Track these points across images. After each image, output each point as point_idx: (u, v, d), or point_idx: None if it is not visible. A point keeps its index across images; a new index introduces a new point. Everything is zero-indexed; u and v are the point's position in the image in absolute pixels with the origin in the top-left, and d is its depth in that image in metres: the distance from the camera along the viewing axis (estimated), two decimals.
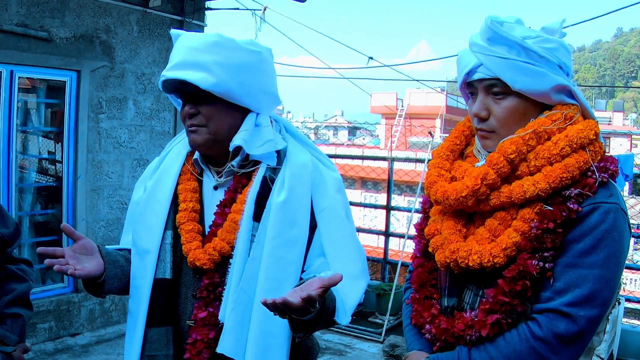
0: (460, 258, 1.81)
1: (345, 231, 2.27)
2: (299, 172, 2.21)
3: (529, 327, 1.71)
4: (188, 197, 2.25)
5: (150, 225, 2.23)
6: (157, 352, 2.15)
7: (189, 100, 2.17)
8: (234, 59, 2.14)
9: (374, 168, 11.57)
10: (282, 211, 2.13)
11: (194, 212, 2.23)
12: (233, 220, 2.14)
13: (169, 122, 7.48)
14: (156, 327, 2.16)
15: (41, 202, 6.90)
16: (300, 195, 2.18)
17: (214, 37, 2.15)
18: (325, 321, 2.02)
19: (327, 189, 2.26)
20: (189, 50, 2.12)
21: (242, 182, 2.23)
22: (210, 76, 2.08)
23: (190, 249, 2.16)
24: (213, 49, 2.12)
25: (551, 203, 1.74)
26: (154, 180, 2.31)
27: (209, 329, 2.09)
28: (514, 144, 1.77)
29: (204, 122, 2.17)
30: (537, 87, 1.79)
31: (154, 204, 2.26)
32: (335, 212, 2.25)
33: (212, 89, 2.10)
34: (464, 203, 1.82)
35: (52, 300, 6.45)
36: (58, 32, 6.23)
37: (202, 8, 7.68)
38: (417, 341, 2.03)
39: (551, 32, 1.87)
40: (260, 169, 2.21)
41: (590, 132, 1.78)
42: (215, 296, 2.12)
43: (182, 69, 2.11)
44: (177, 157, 2.33)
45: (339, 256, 2.20)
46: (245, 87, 2.18)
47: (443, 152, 2.01)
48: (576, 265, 1.69)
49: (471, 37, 1.90)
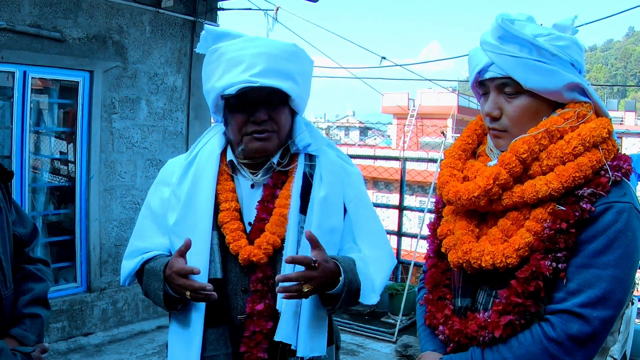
0: (473, 259, 1.80)
1: (373, 219, 2.47)
2: (332, 168, 2.39)
3: (542, 328, 1.70)
4: (229, 197, 2.32)
5: (197, 227, 2.28)
6: (217, 352, 2.22)
7: (259, 106, 2.23)
8: (306, 69, 2.33)
9: (386, 168, 11.55)
10: (324, 204, 2.29)
11: (235, 211, 2.31)
12: (281, 214, 2.27)
13: (182, 122, 7.48)
14: (213, 328, 2.23)
15: (54, 202, 6.92)
16: (336, 188, 2.35)
17: (292, 47, 2.27)
18: (351, 297, 2.18)
19: (353, 182, 2.45)
20: (272, 58, 2.20)
21: (280, 178, 2.35)
22: (296, 85, 2.23)
23: (240, 246, 2.24)
24: (294, 59, 2.25)
25: (564, 203, 1.72)
26: (189, 183, 2.35)
27: (267, 320, 2.19)
28: (526, 143, 1.75)
29: (275, 128, 2.28)
30: (549, 86, 1.77)
31: (196, 207, 2.31)
32: (363, 201, 2.45)
33: (296, 98, 2.24)
34: (476, 203, 1.81)
35: (65, 299, 6.45)
36: (71, 32, 6.24)
37: (215, 8, 7.67)
38: (430, 342, 2.02)
39: (563, 29, 1.85)
40: (299, 166, 2.36)
41: (604, 130, 1.76)
42: (268, 288, 2.22)
43: (271, 76, 2.17)
44: (211, 158, 2.39)
45: (369, 241, 2.38)
46: (307, 95, 2.39)
47: (455, 152, 2.01)
48: (589, 265, 1.68)
49: (482, 35, 1.89)
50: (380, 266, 2.32)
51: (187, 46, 7.41)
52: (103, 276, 6.79)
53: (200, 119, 7.53)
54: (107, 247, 6.82)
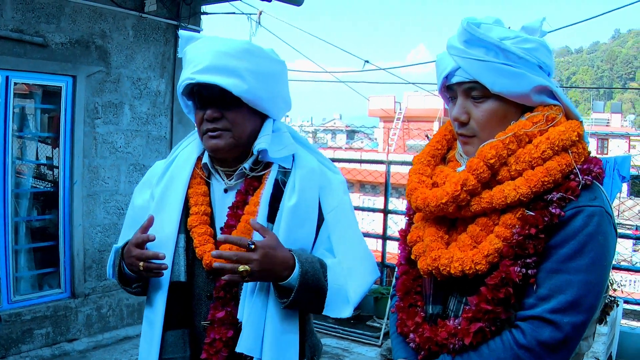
0: (442, 266, 1.78)
1: (354, 230, 2.37)
2: (308, 176, 2.30)
3: (513, 335, 1.68)
4: (199, 200, 2.30)
5: (164, 229, 2.26)
6: (174, 355, 2.21)
7: (211, 104, 2.21)
8: (263, 67, 2.24)
9: (371, 172, 11.52)
10: (293, 213, 2.20)
11: (205, 216, 2.29)
12: (248, 221, 2.18)
13: (165, 127, 7.46)
14: (173, 330, 2.22)
15: (38, 208, 6.89)
16: (309, 198, 2.27)
17: (244, 44, 2.22)
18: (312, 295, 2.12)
19: (334, 191, 2.36)
20: (218, 55, 2.16)
21: (253, 184, 2.30)
22: (242, 83, 2.16)
23: (204, 251, 2.21)
24: (244, 56, 2.19)
25: (533, 208, 1.70)
26: (163, 185, 2.36)
27: (227, 328, 2.15)
28: (493, 148, 1.73)
29: (228, 127, 2.23)
30: (516, 89, 1.75)
31: (165, 208, 2.31)
32: (344, 211, 2.35)
33: (242, 95, 2.17)
34: (444, 210, 1.79)
35: (49, 305, 6.43)
36: (54, 37, 6.22)
37: (198, 12, 7.66)
38: (402, 350, 2.00)
39: (531, 31, 1.83)
40: (272, 172, 2.29)
41: (573, 133, 1.74)
42: (231, 296, 2.18)
43: (212, 73, 2.14)
44: (187, 162, 2.39)
45: (348, 252, 2.29)
46: (271, 95, 2.28)
47: (424, 158, 1.98)
48: (560, 270, 1.66)
49: (449, 39, 1.87)
50: (358, 278, 2.25)
51: (170, 51, 7.39)
52: (87, 282, 6.77)
53: (184, 123, 7.50)
54: (90, 253, 6.79)
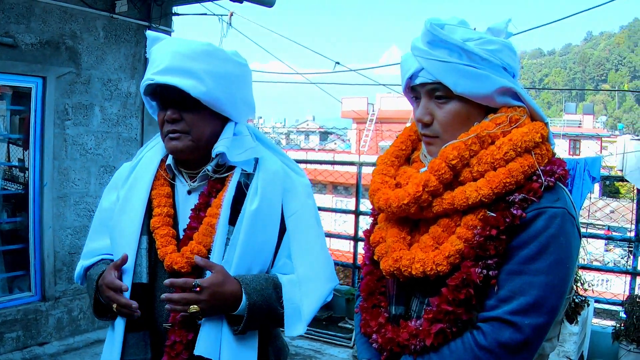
0: (404, 266, 1.77)
1: (313, 235, 2.36)
2: (271, 179, 2.29)
3: (474, 336, 1.68)
4: (162, 202, 2.29)
5: (126, 231, 2.26)
6: (136, 357, 2.19)
7: (171, 105, 2.20)
8: (223, 69, 2.22)
9: (342, 173, 11.51)
10: (255, 217, 2.19)
11: (168, 217, 2.28)
12: (209, 223, 2.20)
13: (136, 128, 7.41)
14: (134, 332, 2.20)
15: (7, 210, 6.80)
16: (271, 202, 2.26)
17: (204, 46, 2.20)
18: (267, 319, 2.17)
19: (297, 195, 2.35)
20: (177, 56, 2.15)
21: (216, 186, 2.28)
22: (201, 84, 2.14)
23: (166, 252, 2.20)
24: (203, 58, 2.17)
25: (495, 209, 1.70)
26: (127, 186, 2.35)
27: (187, 331, 2.12)
28: (455, 149, 1.73)
29: (186, 129, 2.22)
30: (479, 90, 1.75)
31: (128, 210, 2.30)
32: (304, 217, 2.34)
33: (201, 97, 2.15)
34: (406, 210, 1.78)
35: (19, 309, 6.35)
36: (23, 38, 6.14)
37: (169, 13, 7.60)
38: (366, 350, 2.00)
39: (497, 32, 1.83)
40: (235, 175, 2.28)
41: (536, 134, 1.74)
42: None
43: (171, 74, 2.13)
44: (151, 163, 2.38)
45: (305, 259, 2.29)
46: (231, 98, 2.26)
47: (388, 158, 1.98)
48: (521, 272, 1.66)
49: (413, 40, 1.86)
50: (313, 289, 2.26)
51: (141, 52, 7.32)
52: (58, 285, 6.69)
53: (155, 125, 7.32)
54: (61, 255, 6.72)
